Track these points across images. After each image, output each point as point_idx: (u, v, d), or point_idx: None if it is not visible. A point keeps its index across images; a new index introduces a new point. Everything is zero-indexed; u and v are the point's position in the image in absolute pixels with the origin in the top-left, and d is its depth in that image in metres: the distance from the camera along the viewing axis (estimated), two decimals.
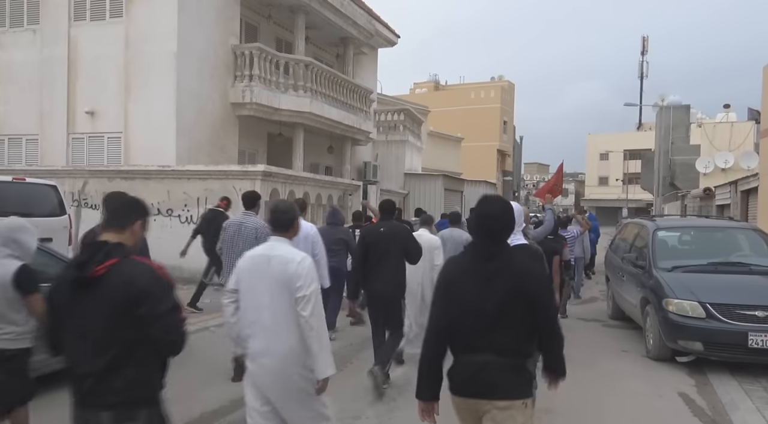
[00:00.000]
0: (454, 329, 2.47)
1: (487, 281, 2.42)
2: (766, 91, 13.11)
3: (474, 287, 2.43)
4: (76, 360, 2.13)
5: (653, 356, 6.68)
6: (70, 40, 12.16)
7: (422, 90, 51.90)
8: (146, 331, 2.07)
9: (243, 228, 5.44)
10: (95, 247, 2.16)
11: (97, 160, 11.89)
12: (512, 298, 2.40)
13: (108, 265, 2.08)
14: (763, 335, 5.82)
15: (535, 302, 2.42)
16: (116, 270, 2.08)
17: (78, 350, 2.11)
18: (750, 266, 7.05)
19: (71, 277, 2.12)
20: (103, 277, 2.07)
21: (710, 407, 5.15)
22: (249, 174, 10.03)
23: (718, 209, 19.00)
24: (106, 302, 2.06)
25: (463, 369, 2.45)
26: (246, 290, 3.02)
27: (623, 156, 49.38)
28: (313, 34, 15.97)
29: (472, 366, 2.43)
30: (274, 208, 3.20)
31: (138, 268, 2.14)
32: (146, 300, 2.05)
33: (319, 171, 16.16)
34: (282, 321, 2.93)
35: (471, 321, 2.43)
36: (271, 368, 2.94)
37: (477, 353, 2.42)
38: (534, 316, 2.42)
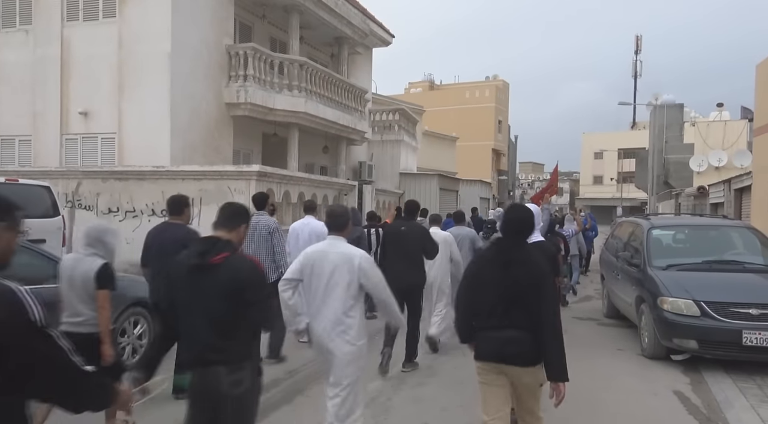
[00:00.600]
0: (479, 308, 3.16)
1: (505, 269, 3.09)
2: (759, 89, 13.18)
3: (496, 273, 3.12)
4: (193, 329, 2.63)
5: (648, 355, 6.70)
6: (63, 40, 12.10)
7: (417, 90, 51.90)
8: (247, 310, 2.60)
9: (258, 227, 5.84)
10: (210, 241, 2.70)
11: (90, 161, 11.83)
12: (525, 283, 3.05)
13: (222, 256, 2.61)
14: (758, 333, 5.84)
15: (539, 286, 3.04)
16: (228, 261, 2.61)
17: (194, 322, 2.61)
18: (744, 264, 7.09)
19: (193, 262, 2.63)
20: (218, 265, 2.60)
21: (705, 405, 5.17)
22: (244, 174, 10.00)
23: (712, 208, 19.08)
24: (218, 286, 2.57)
25: (491, 342, 3.12)
26: (309, 280, 3.55)
27: (617, 155, 49.58)
28: (308, 33, 15.95)
29: (498, 340, 3.08)
30: (331, 213, 3.78)
31: (244, 262, 2.71)
32: (249, 288, 2.60)
33: (315, 171, 16.14)
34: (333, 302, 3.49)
35: (493, 300, 3.09)
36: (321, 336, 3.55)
37: (502, 330, 3.07)
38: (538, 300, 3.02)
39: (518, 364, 3.09)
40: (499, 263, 3.13)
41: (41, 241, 7.64)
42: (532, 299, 3.03)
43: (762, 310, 5.99)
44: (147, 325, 6.03)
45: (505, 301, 3.06)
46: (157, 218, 9.93)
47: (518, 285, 3.05)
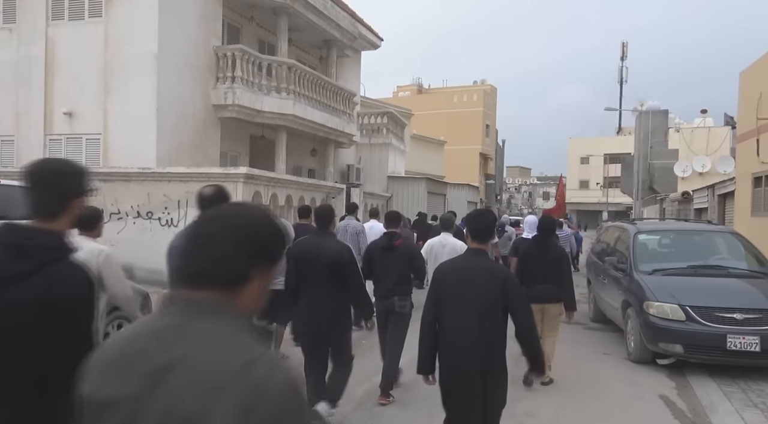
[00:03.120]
0: (528, 275, 5.70)
1: (544, 252, 5.86)
2: (743, 97, 13.38)
3: (537, 256, 5.85)
4: (384, 281, 5.19)
5: (634, 359, 6.74)
6: (47, 39, 11.93)
7: (405, 93, 51.99)
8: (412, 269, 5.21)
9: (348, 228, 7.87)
10: (391, 233, 5.37)
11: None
12: (553, 259, 5.81)
13: (400, 242, 5.29)
14: (742, 338, 5.91)
15: (560, 260, 5.86)
16: (403, 244, 5.34)
17: (385, 277, 5.17)
18: (728, 269, 7.17)
19: (384, 245, 5.27)
20: (398, 247, 5.23)
21: (690, 410, 5.21)
22: (231, 176, 9.93)
23: (696, 213, 19.32)
24: (399, 259, 5.17)
25: (536, 291, 5.65)
26: None
27: (603, 160, 50.04)
28: (296, 36, 15.90)
29: (540, 290, 5.69)
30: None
31: (412, 243, 6.29)
32: (417, 259, 5.28)
33: (302, 174, 16.07)
34: None
35: (536, 269, 5.75)
36: None
37: (541, 284, 5.70)
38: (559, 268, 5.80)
39: (551, 302, 5.80)
40: (540, 248, 5.91)
41: None
42: (556, 268, 5.77)
43: (746, 314, 6.06)
44: None
45: (544, 269, 5.73)
46: (142, 221, 9.83)
47: (551, 260, 5.78)
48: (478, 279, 3.09)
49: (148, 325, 1.13)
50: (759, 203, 12.13)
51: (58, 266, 1.80)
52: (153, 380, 1.02)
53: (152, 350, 1.05)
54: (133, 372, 1.05)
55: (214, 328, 1.05)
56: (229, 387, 0.96)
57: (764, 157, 11.61)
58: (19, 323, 1.69)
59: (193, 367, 1.00)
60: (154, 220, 9.68)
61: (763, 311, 6.10)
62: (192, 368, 1.00)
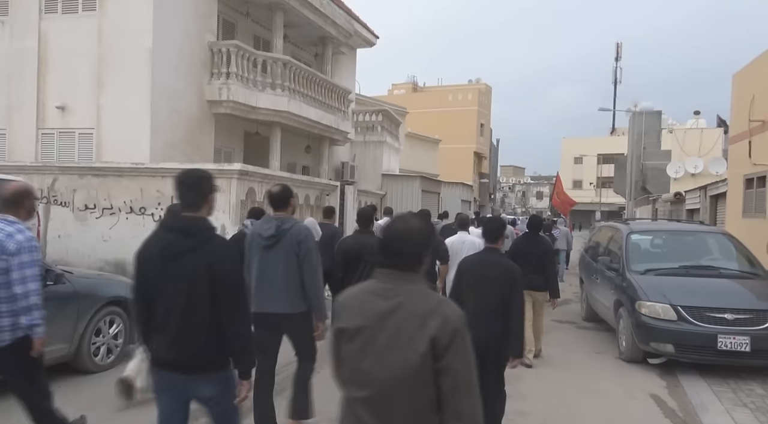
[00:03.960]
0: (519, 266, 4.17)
1: (533, 247, 6.67)
2: (736, 98, 13.45)
3: (528, 249, 6.63)
4: None
5: (626, 358, 6.77)
6: (40, 32, 11.83)
7: (400, 91, 51.98)
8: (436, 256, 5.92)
9: None
10: None
11: (67, 156, 11.58)
12: (541, 252, 6.64)
13: None
14: (732, 338, 5.94)
15: (546, 254, 6.70)
16: None
17: None
18: (720, 270, 7.21)
19: None
20: None
21: (681, 409, 5.23)
22: (225, 173, 9.88)
23: (688, 214, 19.42)
24: None
25: (527, 280, 5.29)
26: None
27: (597, 160, 50.24)
28: (292, 32, 15.84)
29: (530, 279, 6.13)
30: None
31: None
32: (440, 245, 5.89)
33: (297, 171, 16.03)
34: None
35: (526, 261, 6.14)
36: None
37: (531, 274, 6.24)
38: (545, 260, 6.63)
39: (539, 289, 6.61)
40: (530, 243, 6.75)
41: None
42: (543, 259, 6.58)
43: (737, 315, 6.10)
44: (123, 324, 5.91)
45: (533, 261, 6.42)
46: (135, 216, 9.76)
47: (538, 253, 6.58)
48: (492, 272, 3.88)
49: (369, 286, 1.93)
50: (750, 205, 12.20)
51: (214, 240, 2.66)
52: (383, 316, 1.84)
53: (379, 300, 1.87)
54: (369, 313, 1.86)
55: (414, 288, 1.88)
56: (431, 315, 1.80)
57: (756, 159, 11.68)
58: (195, 282, 2.54)
59: (409, 308, 1.83)
60: (147, 215, 9.62)
61: (753, 311, 6.14)
62: (408, 309, 1.82)
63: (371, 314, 1.85)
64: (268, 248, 3.90)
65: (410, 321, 1.80)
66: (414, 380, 1.76)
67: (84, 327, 5.43)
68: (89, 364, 5.52)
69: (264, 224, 4.03)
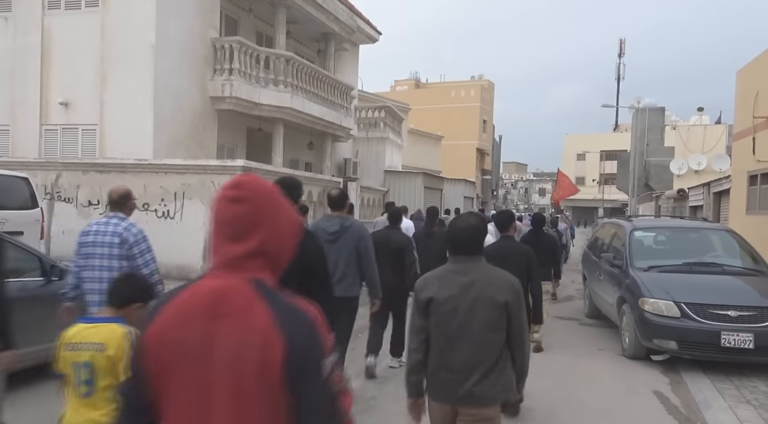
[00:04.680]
0: None
1: (539, 240, 7.02)
2: (740, 95, 13.40)
3: (534, 243, 6.16)
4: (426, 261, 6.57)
5: (629, 355, 6.77)
6: (43, 28, 11.83)
7: (403, 88, 51.90)
8: None
9: None
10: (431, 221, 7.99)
11: (71, 152, 11.60)
12: (546, 246, 7.18)
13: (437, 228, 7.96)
14: (736, 335, 5.93)
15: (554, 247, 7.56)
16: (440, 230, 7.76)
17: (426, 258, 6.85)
18: (723, 267, 7.19)
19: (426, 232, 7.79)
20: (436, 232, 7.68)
21: (684, 405, 5.23)
22: (228, 169, 9.89)
23: (691, 210, 19.38)
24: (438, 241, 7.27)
25: None
26: None
27: (599, 157, 50.13)
28: (295, 28, 15.82)
29: None
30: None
31: None
32: None
33: (299, 167, 16.03)
34: None
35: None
36: None
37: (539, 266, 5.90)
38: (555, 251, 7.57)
39: (545, 280, 6.69)
40: (536, 237, 7.19)
41: (19, 233, 7.47)
42: (549, 254, 7.09)
43: (740, 312, 6.09)
44: None
45: (539, 255, 5.47)
46: (138, 212, 9.75)
47: (543, 248, 6.77)
48: (512, 253, 4.71)
49: (449, 267, 2.70)
50: (754, 201, 12.17)
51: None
52: (466, 288, 2.58)
53: (459, 276, 2.62)
54: (454, 285, 2.60)
55: (482, 266, 2.67)
56: (502, 285, 2.60)
57: (760, 156, 11.64)
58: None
59: (483, 281, 2.60)
60: (150, 211, 9.63)
61: (757, 308, 6.13)
62: (483, 281, 2.60)
63: (456, 287, 2.61)
64: (332, 241, 4.66)
65: (487, 289, 2.60)
66: (491, 328, 2.61)
67: None
68: None
69: (327, 221, 4.87)
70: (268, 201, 1.34)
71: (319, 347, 1.25)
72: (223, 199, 1.33)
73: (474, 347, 2.59)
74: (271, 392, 1.21)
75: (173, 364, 1.25)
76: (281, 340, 1.21)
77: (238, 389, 1.22)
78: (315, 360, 1.24)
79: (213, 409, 1.23)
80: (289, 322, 1.23)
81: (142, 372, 1.28)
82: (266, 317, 1.23)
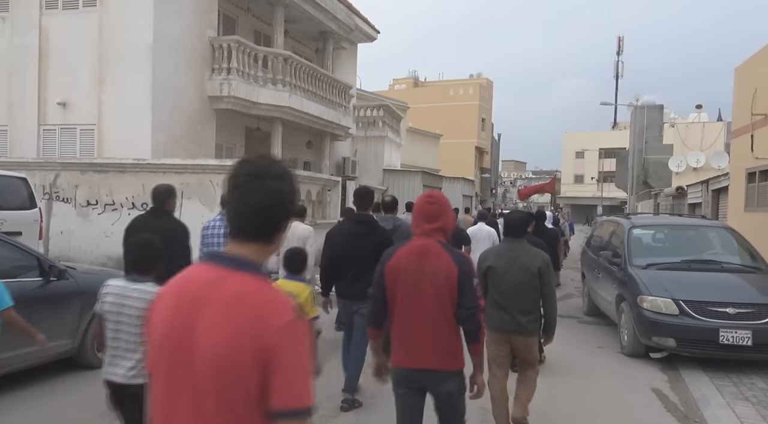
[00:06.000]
0: None
1: (540, 235, 7.03)
2: (738, 92, 13.40)
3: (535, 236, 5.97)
4: None
5: (627, 353, 6.78)
6: (41, 28, 11.81)
7: (401, 86, 51.92)
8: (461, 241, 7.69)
9: None
10: None
11: (69, 152, 11.59)
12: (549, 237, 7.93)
13: None
14: (734, 332, 5.95)
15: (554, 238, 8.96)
16: None
17: None
18: (722, 264, 7.21)
19: None
20: None
21: (683, 403, 5.24)
22: (227, 168, 9.83)
23: (690, 208, 19.39)
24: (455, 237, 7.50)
25: None
26: None
27: (598, 154, 50.14)
28: (293, 27, 15.81)
29: None
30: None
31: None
32: None
33: (298, 166, 16.02)
34: None
35: None
36: None
37: None
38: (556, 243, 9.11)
39: None
40: (537, 231, 7.32)
41: (17, 233, 7.47)
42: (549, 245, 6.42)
43: (738, 309, 6.10)
44: None
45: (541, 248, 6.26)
46: (137, 212, 9.77)
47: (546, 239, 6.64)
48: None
49: (502, 246, 4.34)
50: (752, 198, 12.18)
51: (379, 229, 4.89)
52: (512, 259, 4.02)
53: (509, 252, 4.08)
54: (505, 257, 4.05)
55: (524, 246, 4.11)
56: (537, 259, 4.03)
57: (758, 153, 11.65)
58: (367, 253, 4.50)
59: (525, 255, 4.04)
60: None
61: (755, 305, 6.14)
62: (524, 255, 4.04)
63: (506, 259, 4.04)
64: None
65: (526, 262, 4.00)
66: (529, 287, 3.98)
67: (87, 323, 5.44)
68: (93, 359, 5.54)
69: (383, 221, 5.71)
70: (444, 204, 2.93)
71: (472, 272, 2.86)
72: (423, 202, 2.91)
73: (518, 298, 3.98)
74: (450, 291, 2.77)
75: (400, 277, 2.84)
76: (456, 267, 2.78)
77: (437, 289, 2.78)
78: (470, 277, 2.83)
79: (423, 298, 2.80)
80: (458, 259, 2.82)
81: (385, 281, 2.89)
82: (448, 257, 2.80)
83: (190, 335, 1.28)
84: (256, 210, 1.36)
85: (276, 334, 1.23)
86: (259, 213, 1.36)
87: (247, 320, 1.24)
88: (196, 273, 1.37)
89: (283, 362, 1.23)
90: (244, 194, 1.37)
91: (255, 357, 1.22)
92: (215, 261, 1.36)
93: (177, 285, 1.38)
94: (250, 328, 1.23)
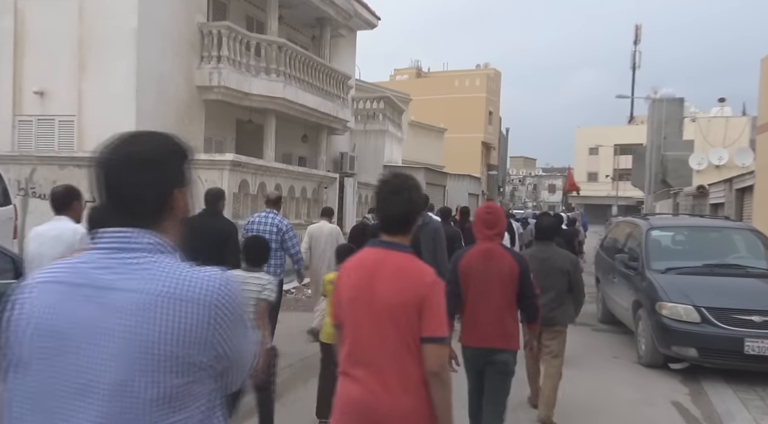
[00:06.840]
0: None
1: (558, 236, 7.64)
2: (764, 84, 13.37)
3: None
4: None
5: (645, 363, 6.76)
6: (17, 12, 11.78)
7: (403, 77, 51.91)
8: None
9: None
10: None
11: (46, 145, 11.57)
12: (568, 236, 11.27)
13: None
14: (760, 341, 5.92)
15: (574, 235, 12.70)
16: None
17: None
18: (747, 269, 7.18)
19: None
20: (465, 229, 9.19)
21: (705, 417, 5.22)
22: (216, 164, 9.87)
23: (712, 208, 19.36)
24: None
25: None
26: None
27: (613, 151, 50.10)
28: (287, 13, 15.78)
29: None
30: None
31: None
32: None
33: (293, 161, 16.01)
34: None
35: None
36: None
37: None
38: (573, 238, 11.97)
39: None
40: None
41: None
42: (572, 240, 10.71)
43: (765, 317, 6.06)
44: None
45: None
46: None
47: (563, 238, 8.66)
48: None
49: (537, 249, 5.15)
50: None
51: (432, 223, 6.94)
52: (544, 261, 4.89)
53: (541, 255, 4.97)
54: (538, 259, 4.82)
55: (555, 249, 5.10)
56: (566, 260, 5.01)
57: None
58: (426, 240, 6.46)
59: (555, 257, 4.98)
60: None
61: None
62: (555, 258, 4.98)
63: (539, 261, 4.73)
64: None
65: (557, 263, 4.89)
66: (562, 282, 4.87)
67: None
68: None
69: None
70: (500, 214, 3.87)
71: (529, 269, 3.76)
72: (484, 212, 3.89)
73: (551, 294, 4.76)
74: (512, 285, 3.67)
75: (474, 274, 3.69)
76: (517, 266, 3.70)
77: (503, 283, 3.67)
78: (528, 273, 3.73)
79: (491, 291, 3.67)
80: (518, 259, 3.78)
81: (460, 278, 3.70)
82: (510, 257, 3.73)
83: (371, 292, 2.19)
84: (399, 214, 2.27)
85: (426, 289, 2.14)
86: (401, 215, 2.27)
87: (407, 282, 2.17)
88: (369, 254, 2.30)
89: (430, 306, 2.12)
90: (389, 205, 2.28)
91: (414, 303, 2.12)
92: (379, 246, 2.29)
93: (358, 262, 2.30)
94: (410, 286, 2.16)
